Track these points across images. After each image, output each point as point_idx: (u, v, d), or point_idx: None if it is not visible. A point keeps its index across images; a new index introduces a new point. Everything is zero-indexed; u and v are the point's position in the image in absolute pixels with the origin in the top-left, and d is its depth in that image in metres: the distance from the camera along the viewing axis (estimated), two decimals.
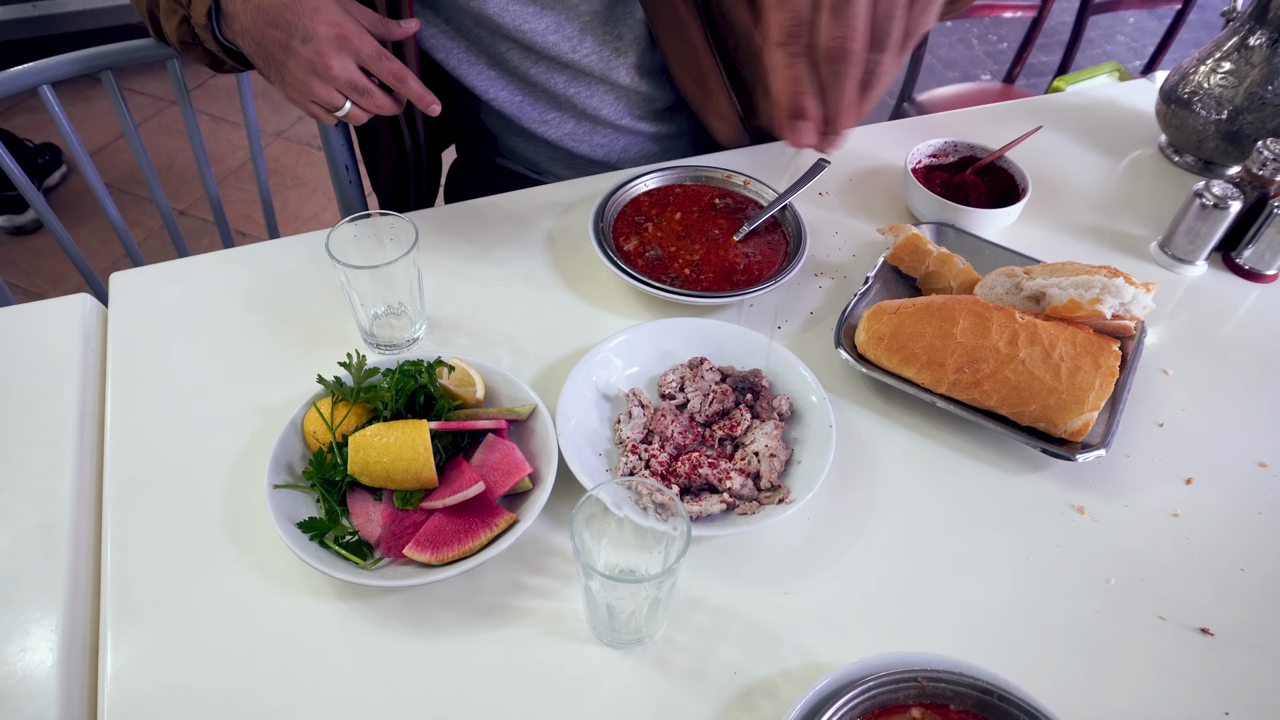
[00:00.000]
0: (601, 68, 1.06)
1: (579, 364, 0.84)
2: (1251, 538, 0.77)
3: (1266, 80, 1.06)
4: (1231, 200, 0.96)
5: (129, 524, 0.75)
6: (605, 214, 1.00)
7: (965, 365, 0.81)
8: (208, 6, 0.84)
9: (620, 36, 1.04)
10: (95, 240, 2.47)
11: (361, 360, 0.79)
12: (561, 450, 0.75)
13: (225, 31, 0.87)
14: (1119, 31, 3.77)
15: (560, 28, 1.02)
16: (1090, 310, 0.83)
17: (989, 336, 0.80)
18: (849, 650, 0.68)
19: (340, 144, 1.31)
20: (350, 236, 0.85)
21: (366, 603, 0.70)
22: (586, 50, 1.04)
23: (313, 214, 2.65)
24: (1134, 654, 0.69)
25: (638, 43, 1.05)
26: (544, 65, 1.07)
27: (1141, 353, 0.88)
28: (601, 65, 1.06)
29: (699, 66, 1.05)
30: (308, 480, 0.74)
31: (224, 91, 3.11)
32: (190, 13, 0.87)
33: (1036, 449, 0.80)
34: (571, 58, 1.04)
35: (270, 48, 0.82)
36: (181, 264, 1.00)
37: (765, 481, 0.77)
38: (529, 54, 1.06)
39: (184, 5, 0.88)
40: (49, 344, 0.89)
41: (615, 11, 1.02)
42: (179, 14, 0.89)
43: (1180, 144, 1.17)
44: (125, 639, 0.68)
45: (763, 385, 0.84)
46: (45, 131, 2.84)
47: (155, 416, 0.83)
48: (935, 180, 1.07)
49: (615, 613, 0.64)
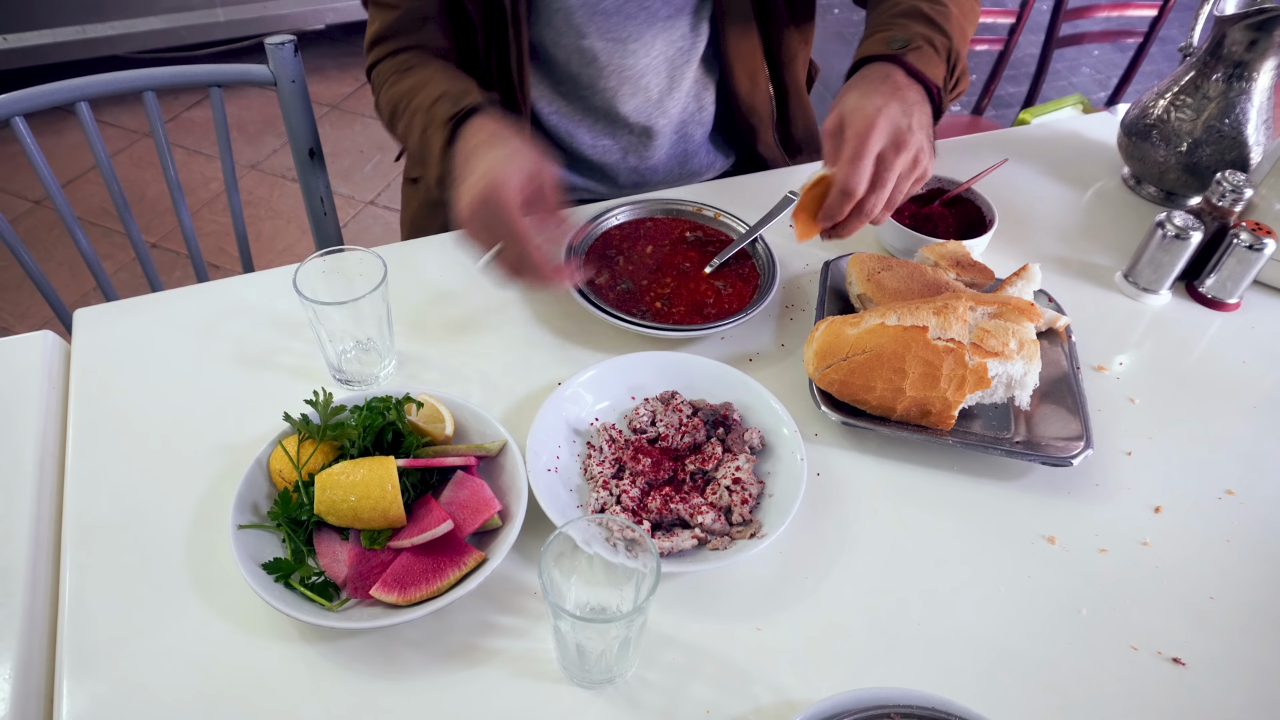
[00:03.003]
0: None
1: (549, 399, 0.83)
2: (1220, 565, 0.78)
3: (1223, 114, 1.09)
4: (1192, 231, 0.98)
5: (88, 567, 0.73)
6: (575, 247, 1.01)
7: (913, 409, 0.82)
8: (437, 175, 0.92)
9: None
10: (65, 273, 2.45)
11: (329, 397, 0.78)
12: (531, 487, 0.75)
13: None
14: (1083, 64, 3.86)
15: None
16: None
17: (938, 386, 0.81)
18: (822, 687, 0.68)
19: (315, 177, 1.31)
20: (319, 272, 0.84)
21: (333, 645, 0.69)
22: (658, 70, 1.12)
23: (286, 245, 2.64)
24: (1107, 685, 0.69)
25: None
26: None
27: (1077, 352, 0.93)
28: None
29: (753, 65, 1.15)
30: (273, 520, 0.73)
31: (198, 124, 3.11)
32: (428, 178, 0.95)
33: (1035, 461, 0.81)
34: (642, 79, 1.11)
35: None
36: (147, 300, 0.98)
37: (737, 516, 0.76)
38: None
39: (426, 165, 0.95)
40: (9, 382, 0.87)
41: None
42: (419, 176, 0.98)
43: (1142, 175, 1.20)
44: (82, 686, 0.66)
45: (734, 419, 0.84)
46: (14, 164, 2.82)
47: (117, 456, 0.82)
48: (904, 212, 1.08)
49: (585, 652, 0.63)
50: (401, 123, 0.98)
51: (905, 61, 0.85)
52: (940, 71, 0.88)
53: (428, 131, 0.91)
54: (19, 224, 2.62)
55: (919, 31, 0.88)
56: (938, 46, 0.88)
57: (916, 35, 0.88)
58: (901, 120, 0.80)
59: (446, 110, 0.90)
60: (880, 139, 0.79)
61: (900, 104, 0.82)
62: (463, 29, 1.05)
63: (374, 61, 1.06)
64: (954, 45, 0.89)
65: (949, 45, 0.89)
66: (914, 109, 0.83)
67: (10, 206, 2.69)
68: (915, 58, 0.86)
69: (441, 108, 0.91)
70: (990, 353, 0.81)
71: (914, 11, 0.91)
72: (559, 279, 0.83)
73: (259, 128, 3.10)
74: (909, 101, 0.83)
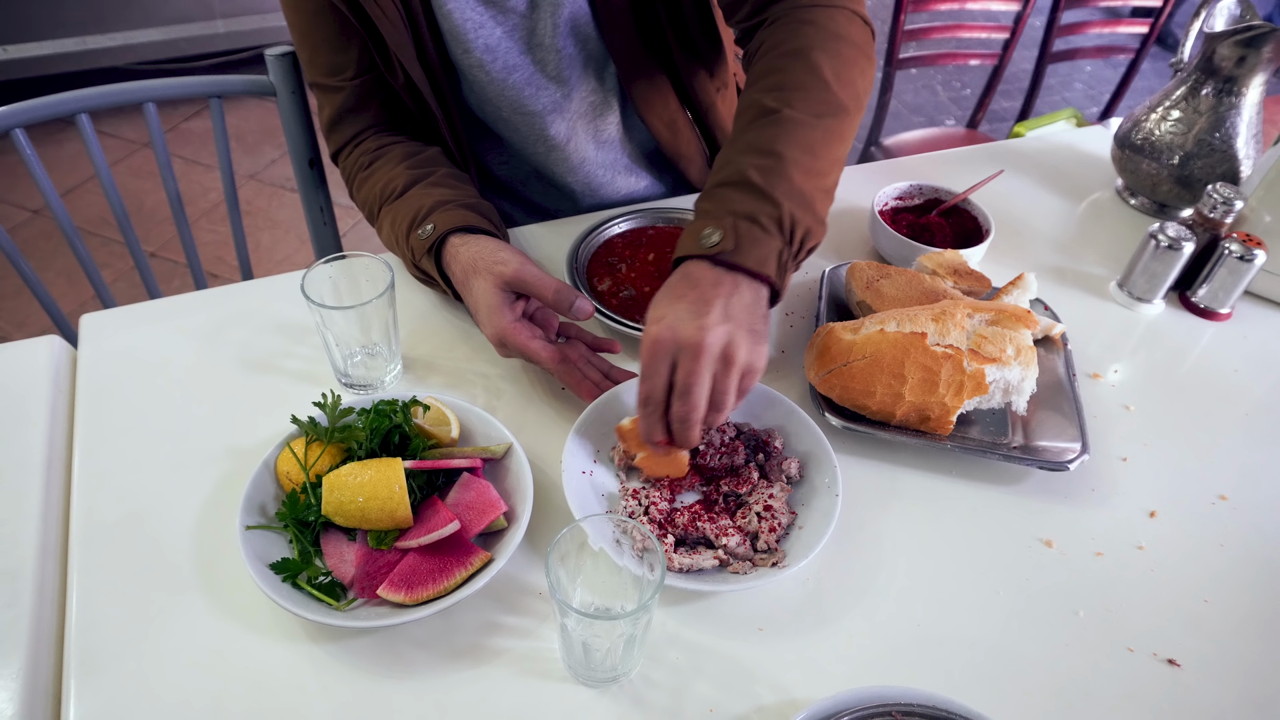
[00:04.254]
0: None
1: (596, 403, 0.83)
2: (1214, 569, 0.79)
3: (1214, 128, 1.11)
4: (1185, 241, 0.99)
5: (95, 569, 0.74)
6: (579, 255, 1.02)
7: (912, 414, 0.83)
8: (427, 246, 0.91)
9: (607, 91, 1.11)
10: (62, 282, 2.45)
11: (336, 400, 0.79)
12: (565, 487, 0.76)
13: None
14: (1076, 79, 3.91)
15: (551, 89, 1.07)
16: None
17: (936, 392, 0.82)
18: (824, 686, 0.68)
19: (315, 187, 1.32)
20: (325, 277, 0.85)
21: (339, 644, 0.69)
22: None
23: (285, 255, 2.65)
24: (1104, 686, 0.70)
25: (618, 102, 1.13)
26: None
27: (1073, 359, 0.94)
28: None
29: (669, 114, 1.12)
30: (280, 521, 0.73)
31: (196, 134, 3.12)
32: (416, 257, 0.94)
33: (1032, 466, 0.83)
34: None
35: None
36: (153, 305, 0.99)
37: (762, 543, 0.76)
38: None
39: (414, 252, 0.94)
40: (16, 386, 0.88)
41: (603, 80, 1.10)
42: (409, 258, 0.96)
43: (1135, 187, 1.22)
44: (89, 687, 0.67)
45: (775, 446, 0.83)
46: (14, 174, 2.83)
47: (124, 459, 0.83)
48: (901, 222, 1.09)
49: (591, 650, 0.64)
50: (384, 235, 0.99)
51: (722, 260, 0.75)
52: (770, 249, 0.76)
53: (421, 261, 0.92)
54: (17, 233, 2.62)
55: (739, 209, 0.77)
56: (764, 222, 0.76)
57: (737, 216, 0.77)
58: (693, 322, 0.71)
59: (420, 245, 0.91)
60: (666, 349, 0.72)
61: (696, 304, 0.73)
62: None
63: (336, 149, 1.07)
64: (785, 212, 0.77)
65: (779, 214, 0.77)
66: (722, 300, 0.73)
67: (9, 216, 2.70)
68: (734, 251, 0.75)
69: (416, 240, 0.91)
70: (988, 359, 0.83)
71: (739, 177, 0.79)
72: (589, 398, 0.85)
73: (257, 138, 3.12)
74: (716, 296, 0.73)
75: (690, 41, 1.07)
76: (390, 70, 0.99)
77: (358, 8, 0.94)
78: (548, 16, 1.00)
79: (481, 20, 0.99)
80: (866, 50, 0.90)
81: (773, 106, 0.82)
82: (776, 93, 0.84)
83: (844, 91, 0.85)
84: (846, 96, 0.85)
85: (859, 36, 0.90)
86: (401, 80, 1.00)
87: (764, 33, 0.92)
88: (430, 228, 0.90)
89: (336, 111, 1.03)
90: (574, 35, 1.03)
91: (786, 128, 0.81)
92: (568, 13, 1.00)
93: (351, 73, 1.01)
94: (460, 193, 0.95)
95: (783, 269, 0.78)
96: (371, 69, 1.01)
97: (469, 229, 0.90)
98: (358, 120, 1.04)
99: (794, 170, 0.79)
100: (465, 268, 0.88)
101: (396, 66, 0.98)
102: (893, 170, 1.28)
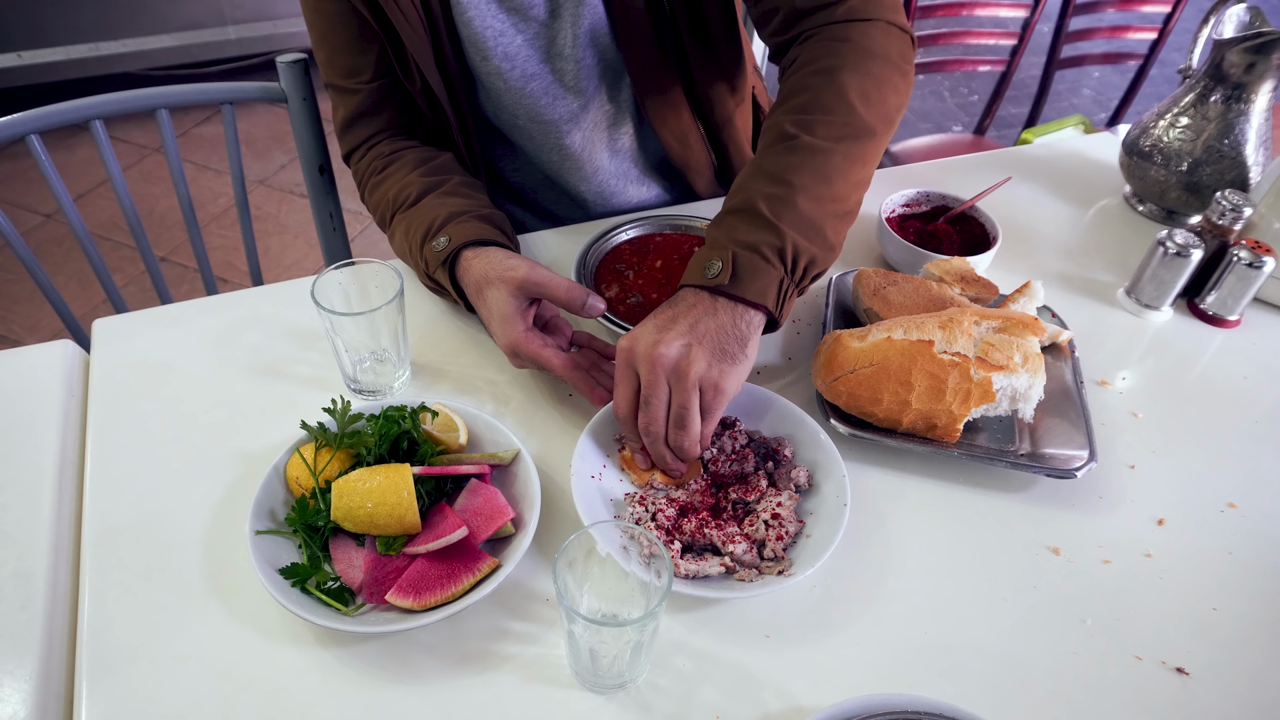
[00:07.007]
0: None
1: (607, 408, 0.84)
2: (1223, 577, 0.79)
3: (1222, 134, 1.11)
4: (1193, 248, 0.99)
5: (107, 572, 0.75)
6: (587, 262, 1.02)
7: (919, 421, 0.83)
8: (442, 259, 0.91)
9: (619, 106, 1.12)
10: (74, 286, 2.47)
11: (346, 406, 0.79)
12: (573, 492, 0.76)
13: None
14: (1084, 85, 3.90)
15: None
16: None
17: (943, 399, 0.82)
18: (831, 693, 0.69)
19: (326, 193, 1.33)
20: (335, 283, 0.86)
21: (348, 649, 0.70)
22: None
23: (294, 260, 2.66)
24: (1112, 694, 0.70)
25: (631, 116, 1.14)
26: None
27: (1080, 366, 0.94)
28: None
29: (681, 129, 1.12)
30: (290, 526, 0.74)
31: (207, 140, 3.14)
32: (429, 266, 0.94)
33: (1039, 473, 0.82)
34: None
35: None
36: (165, 310, 1.00)
37: (769, 551, 0.76)
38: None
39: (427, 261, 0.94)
40: (29, 390, 0.89)
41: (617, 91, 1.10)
42: (420, 268, 0.96)
43: (1143, 194, 1.21)
44: (101, 690, 0.67)
45: (785, 454, 0.83)
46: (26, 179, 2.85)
47: (136, 463, 0.83)
48: (909, 229, 1.10)
49: (598, 657, 0.64)
50: (396, 242, 1.00)
51: (723, 291, 0.78)
52: (770, 279, 0.78)
53: (435, 273, 0.93)
54: (30, 238, 2.64)
55: (742, 239, 0.79)
56: (765, 252, 0.78)
57: (740, 246, 0.79)
58: (652, 336, 0.76)
59: (435, 258, 0.91)
60: (625, 360, 0.77)
61: (664, 321, 0.77)
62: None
63: (349, 151, 1.08)
64: (789, 241, 0.78)
65: (781, 244, 0.78)
66: (690, 319, 0.77)
67: (22, 220, 2.72)
68: (733, 283, 0.77)
69: (430, 253, 0.91)
70: (995, 366, 0.83)
71: (747, 205, 0.81)
72: (600, 403, 0.85)
73: (267, 144, 3.14)
74: (686, 315, 0.77)
75: (712, 48, 1.06)
76: (407, 75, 1.00)
77: (379, 11, 0.95)
78: (569, 27, 1.01)
79: (502, 28, 1.00)
80: (901, 65, 0.90)
81: (792, 132, 0.83)
82: (798, 115, 0.84)
83: (871, 113, 0.85)
84: (874, 118, 0.85)
85: (895, 50, 0.90)
86: (418, 85, 1.00)
87: (797, 49, 0.92)
88: (445, 240, 0.90)
89: (351, 113, 1.04)
90: (594, 46, 1.04)
91: (802, 155, 0.82)
92: (588, 23, 1.01)
93: (368, 75, 1.02)
94: (474, 203, 0.96)
95: (783, 297, 0.80)
96: (388, 73, 1.02)
97: (482, 242, 0.91)
98: (372, 123, 1.05)
99: (803, 198, 0.80)
100: (478, 279, 0.88)
101: (414, 71, 0.99)
102: (900, 177, 1.28)
